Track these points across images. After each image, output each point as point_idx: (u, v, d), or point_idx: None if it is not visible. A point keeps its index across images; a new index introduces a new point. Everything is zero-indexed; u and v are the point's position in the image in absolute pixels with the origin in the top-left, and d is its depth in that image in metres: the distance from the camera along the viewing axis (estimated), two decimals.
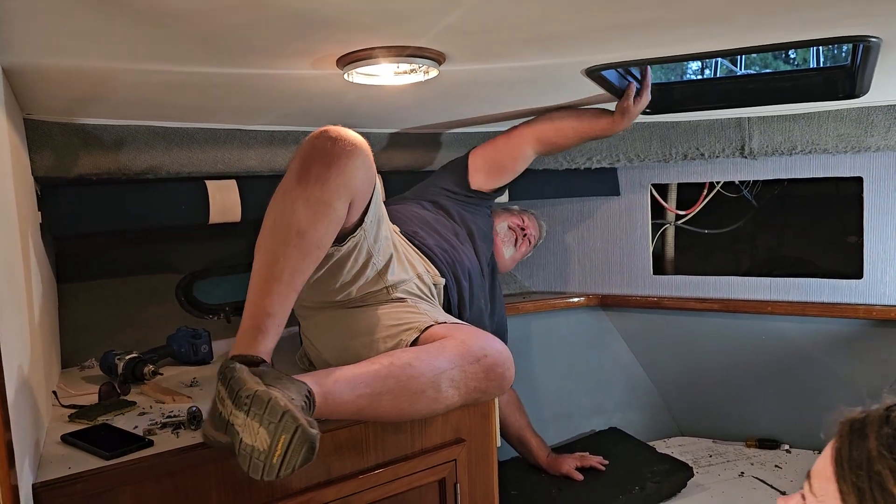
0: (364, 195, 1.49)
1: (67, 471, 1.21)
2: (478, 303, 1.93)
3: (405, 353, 1.43)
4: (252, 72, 1.34)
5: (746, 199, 2.56)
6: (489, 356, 1.46)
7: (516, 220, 2.30)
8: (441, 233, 1.92)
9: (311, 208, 1.36)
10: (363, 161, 1.43)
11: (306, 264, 1.37)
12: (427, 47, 1.26)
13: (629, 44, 1.36)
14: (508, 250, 2.27)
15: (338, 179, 1.38)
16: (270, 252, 1.37)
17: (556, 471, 2.20)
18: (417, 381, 1.38)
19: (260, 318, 1.33)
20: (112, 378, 1.69)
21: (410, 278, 1.70)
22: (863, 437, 0.78)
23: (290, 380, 1.24)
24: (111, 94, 1.48)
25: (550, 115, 2.05)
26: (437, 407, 1.43)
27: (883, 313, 2.19)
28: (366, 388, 1.34)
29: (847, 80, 1.81)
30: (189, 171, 1.83)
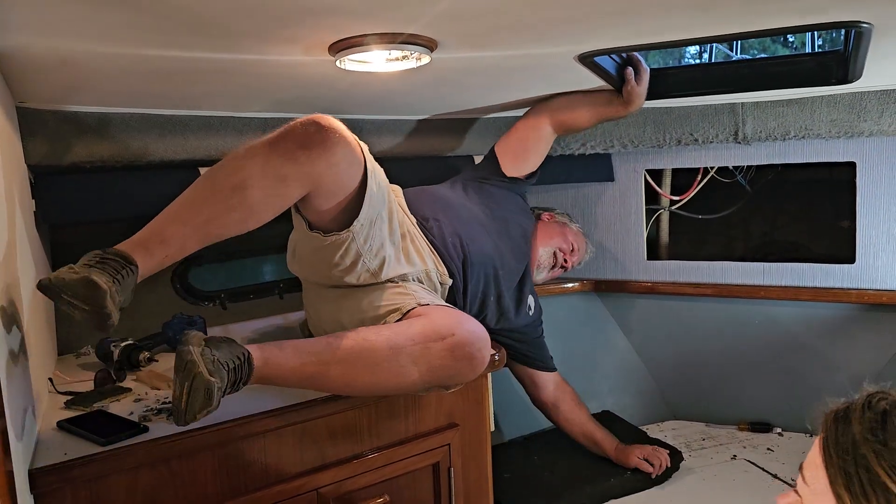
0: (334, 191, 1.45)
1: (63, 457, 1.23)
2: (485, 299, 1.91)
3: (367, 329, 1.43)
4: (244, 58, 1.33)
5: (740, 185, 2.56)
6: (456, 334, 1.43)
7: (566, 246, 2.24)
8: (464, 219, 1.90)
9: (264, 172, 1.33)
10: (342, 157, 1.40)
11: (228, 219, 1.33)
12: (419, 34, 1.25)
13: (621, 30, 1.36)
14: (540, 273, 2.22)
15: (305, 164, 1.35)
16: (206, 187, 1.35)
17: (625, 463, 2.18)
18: (372, 354, 1.38)
19: (151, 238, 1.30)
20: (108, 365, 1.70)
21: (414, 272, 1.70)
22: (847, 423, 0.81)
23: (230, 343, 1.28)
24: (104, 82, 1.48)
25: (565, 98, 2.08)
26: (396, 383, 1.41)
27: (874, 298, 2.21)
28: (313, 357, 1.36)
29: (840, 66, 1.81)
30: (183, 159, 1.83)
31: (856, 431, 0.79)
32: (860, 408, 0.81)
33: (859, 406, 0.82)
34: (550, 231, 2.25)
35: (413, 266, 1.70)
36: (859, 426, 0.79)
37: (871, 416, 0.79)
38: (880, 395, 0.83)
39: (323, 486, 1.46)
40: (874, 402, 0.81)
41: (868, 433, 0.78)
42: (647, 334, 2.66)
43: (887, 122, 2.02)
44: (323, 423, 1.48)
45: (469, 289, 1.85)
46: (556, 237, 2.24)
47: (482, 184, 2.10)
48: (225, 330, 2.06)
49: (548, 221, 2.29)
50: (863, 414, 0.80)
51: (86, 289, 1.15)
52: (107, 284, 1.17)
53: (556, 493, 2.07)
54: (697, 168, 2.50)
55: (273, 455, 1.43)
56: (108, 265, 1.21)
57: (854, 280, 2.24)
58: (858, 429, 0.79)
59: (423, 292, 1.65)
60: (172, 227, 1.31)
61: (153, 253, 1.29)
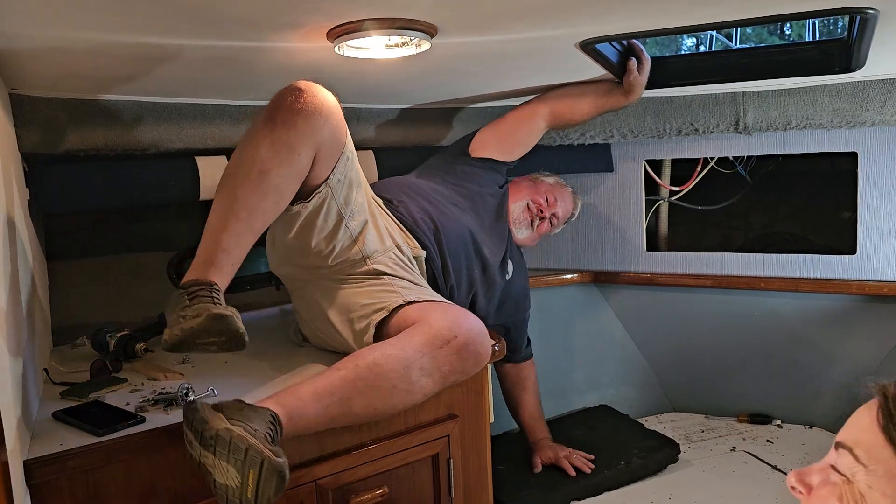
0: (330, 152, 1.48)
1: (59, 447, 1.21)
2: (469, 273, 1.87)
3: (371, 351, 1.40)
4: (241, 45, 1.32)
5: (740, 175, 2.55)
6: (459, 336, 1.42)
7: (540, 198, 2.17)
8: (432, 199, 1.88)
9: (274, 150, 1.37)
10: (331, 114, 1.43)
11: (265, 205, 1.38)
12: (418, 19, 1.24)
13: (622, 15, 1.34)
14: (521, 232, 2.15)
15: (304, 127, 1.39)
16: (230, 190, 1.38)
17: (540, 455, 2.17)
18: (387, 378, 1.36)
19: (214, 252, 1.34)
20: (103, 355, 1.68)
21: (388, 248, 1.66)
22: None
23: (252, 409, 1.23)
24: (98, 69, 1.46)
25: (564, 90, 2.06)
26: (414, 398, 1.41)
27: (875, 289, 2.20)
28: (333, 398, 1.32)
29: (843, 54, 1.80)
30: (178, 147, 1.81)
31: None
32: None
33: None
34: (519, 187, 2.19)
35: (383, 243, 1.66)
36: None
37: None
38: None
39: (322, 477, 1.45)
40: None
41: None
42: (647, 326, 2.65)
43: (890, 111, 2.01)
44: None
45: (449, 262, 1.80)
46: (525, 190, 2.18)
47: (451, 165, 2.07)
48: None
49: (517, 181, 2.22)
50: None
51: (217, 323, 1.22)
52: (227, 309, 1.24)
53: (550, 485, 2.06)
54: (697, 159, 2.48)
55: None
56: (205, 296, 1.26)
57: (855, 271, 2.23)
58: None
59: (411, 287, 1.61)
60: (225, 236, 1.35)
61: (221, 266, 1.34)
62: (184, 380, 1.54)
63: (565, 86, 2.08)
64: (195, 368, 1.64)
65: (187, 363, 1.68)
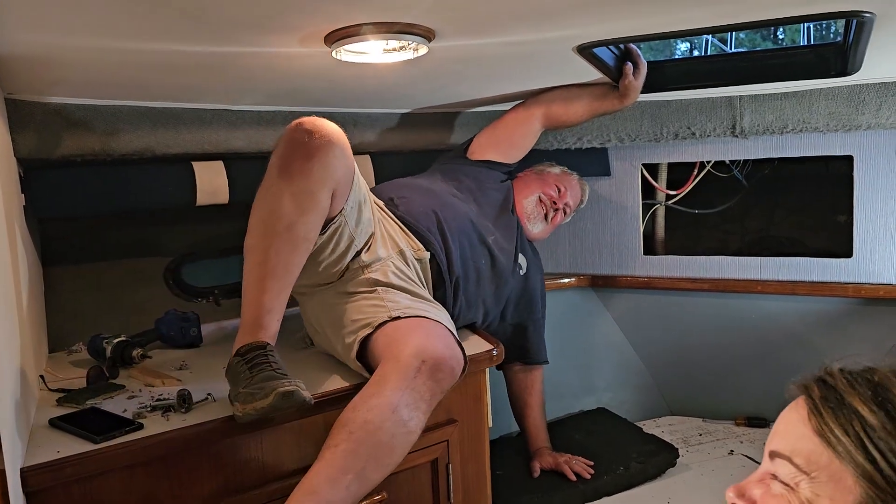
0: (345, 184, 1.50)
1: (56, 455, 1.20)
2: (476, 263, 1.87)
3: (355, 410, 1.35)
4: (238, 50, 1.31)
5: (737, 179, 2.55)
6: (426, 361, 1.39)
7: (550, 190, 2.17)
8: (432, 193, 1.90)
9: (296, 201, 1.40)
10: (341, 151, 1.45)
11: (297, 257, 1.42)
12: (416, 23, 1.23)
13: (619, 20, 1.34)
14: (536, 226, 2.16)
15: (320, 171, 1.41)
16: (261, 249, 1.41)
17: (539, 461, 2.16)
18: (384, 430, 1.32)
19: (259, 314, 1.39)
20: (100, 362, 1.67)
21: (388, 256, 1.67)
22: (841, 400, 0.77)
23: None
24: (94, 74, 1.45)
25: (559, 92, 2.07)
26: (414, 437, 1.38)
27: (871, 292, 2.20)
28: (348, 475, 1.28)
29: (839, 58, 1.81)
30: (175, 153, 1.80)
31: (856, 403, 0.75)
32: (846, 381, 0.77)
33: (843, 380, 0.78)
34: (527, 182, 2.20)
35: (385, 251, 1.67)
36: (857, 398, 0.75)
37: (863, 386, 0.76)
38: (869, 373, 0.79)
39: None
40: (855, 374, 0.78)
41: (849, 385, 0.75)
42: (644, 329, 2.65)
43: (885, 114, 2.02)
44: (320, 419, 1.46)
45: (454, 252, 1.79)
46: (534, 184, 2.19)
47: (449, 166, 2.09)
48: (219, 327, 2.04)
49: (522, 176, 2.23)
50: (852, 387, 0.76)
51: (286, 400, 1.27)
52: (291, 384, 1.29)
53: (549, 490, 2.06)
54: (694, 162, 2.49)
55: (270, 452, 1.41)
56: (265, 366, 1.31)
57: (851, 274, 2.23)
58: (858, 400, 0.75)
59: (396, 299, 1.60)
60: (266, 297, 1.40)
61: (268, 325, 1.39)
62: (182, 385, 1.53)
63: (561, 87, 2.09)
64: (193, 374, 1.64)
65: (185, 369, 1.68)
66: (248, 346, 1.36)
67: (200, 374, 1.63)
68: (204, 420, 1.34)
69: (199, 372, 1.65)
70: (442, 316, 1.61)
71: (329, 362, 1.66)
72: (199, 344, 1.86)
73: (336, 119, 1.99)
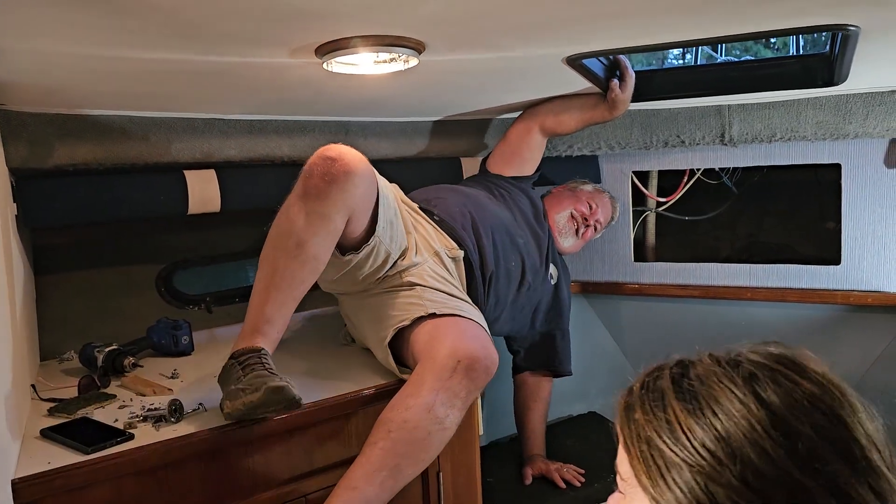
0: (365, 209, 1.55)
1: (47, 466, 1.21)
2: (506, 263, 1.92)
3: (393, 410, 1.42)
4: (229, 60, 1.32)
5: (726, 187, 2.57)
6: (462, 360, 1.46)
7: (583, 207, 2.24)
8: (467, 194, 1.97)
9: (309, 221, 1.45)
10: (362, 178, 1.49)
11: (303, 274, 1.47)
12: (406, 36, 1.24)
13: (608, 32, 1.35)
14: (567, 241, 2.23)
15: (337, 196, 1.45)
16: (271, 262, 1.47)
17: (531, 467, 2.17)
18: (421, 428, 1.39)
19: (259, 323, 1.44)
20: (91, 371, 1.67)
21: (424, 260, 1.73)
22: (631, 409, 0.78)
23: None
24: (86, 84, 1.45)
25: (552, 103, 2.14)
26: (448, 434, 1.44)
27: (860, 299, 2.22)
28: (384, 472, 1.36)
29: (826, 68, 1.83)
30: (167, 161, 1.81)
31: (639, 416, 0.75)
32: (639, 390, 0.78)
33: (637, 388, 0.79)
34: (560, 198, 2.28)
35: (421, 256, 1.73)
36: (640, 410, 0.76)
37: (650, 397, 0.76)
38: (656, 372, 0.79)
39: (311, 492, 1.45)
40: (651, 382, 0.78)
41: (650, 413, 0.74)
42: (635, 336, 2.67)
43: (872, 124, 2.04)
44: (311, 429, 1.47)
45: (486, 252, 1.85)
46: (567, 200, 2.26)
47: (479, 178, 2.19)
48: (211, 335, 2.04)
49: (556, 192, 2.32)
50: (642, 395, 0.77)
51: (275, 395, 1.30)
52: (282, 381, 1.32)
53: (540, 497, 2.06)
54: (684, 170, 2.50)
55: (261, 462, 1.41)
56: (256, 363, 1.36)
57: (840, 281, 2.25)
58: (640, 412, 0.76)
59: (434, 297, 1.66)
60: (268, 307, 1.45)
61: (267, 333, 1.44)
62: (173, 395, 1.53)
63: (553, 99, 2.12)
64: (184, 383, 1.64)
65: (176, 378, 1.68)
66: (242, 350, 1.41)
67: (192, 383, 1.63)
68: (195, 430, 1.34)
69: (191, 380, 1.65)
70: (475, 314, 1.67)
71: (330, 373, 1.67)
72: (190, 352, 1.87)
73: (326, 127, 2.03)
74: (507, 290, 1.94)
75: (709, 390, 0.71)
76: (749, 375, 0.71)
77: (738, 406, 0.68)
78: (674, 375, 0.76)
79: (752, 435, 0.66)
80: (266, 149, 1.94)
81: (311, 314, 2.24)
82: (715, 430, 0.68)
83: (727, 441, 0.67)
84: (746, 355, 0.75)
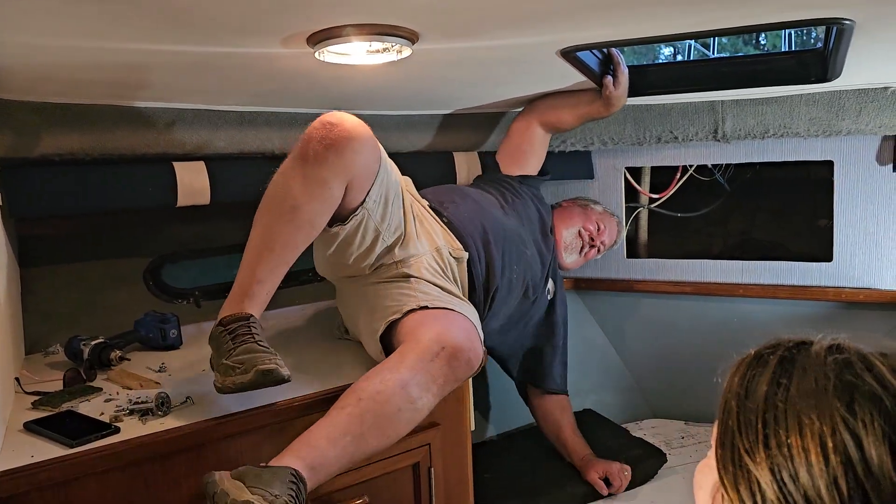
0: (364, 177, 1.52)
1: (30, 459, 1.19)
2: (509, 273, 1.90)
3: (369, 380, 1.41)
4: (219, 50, 1.30)
5: (719, 183, 2.57)
6: (446, 347, 1.45)
7: (591, 226, 2.26)
8: (480, 202, 1.94)
9: (306, 185, 1.43)
10: (362, 145, 1.47)
11: (298, 238, 1.46)
12: (400, 25, 1.23)
13: (602, 24, 1.34)
14: (570, 257, 2.25)
15: (335, 161, 1.43)
16: (265, 224, 1.46)
17: (585, 476, 2.12)
18: (391, 402, 1.37)
19: (249, 284, 1.44)
20: (77, 364, 1.65)
21: (423, 252, 1.71)
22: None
23: (272, 472, 1.22)
24: (74, 73, 1.43)
25: (550, 100, 2.15)
26: (419, 416, 1.42)
27: (851, 296, 2.22)
28: (347, 437, 1.33)
29: (819, 64, 1.82)
30: (156, 153, 1.78)
31: (732, 422, 0.72)
32: (738, 383, 0.75)
33: (737, 382, 0.75)
34: (570, 213, 2.28)
35: (422, 247, 1.72)
36: (734, 416, 0.73)
37: (747, 402, 0.72)
38: (759, 364, 0.75)
39: None
40: (751, 377, 0.74)
41: (743, 428, 0.71)
42: (627, 332, 2.66)
43: (865, 120, 2.04)
44: (301, 422, 1.45)
45: (494, 269, 1.84)
46: (577, 217, 2.27)
47: (495, 180, 2.16)
48: (199, 329, 2.02)
49: (566, 206, 2.32)
50: (739, 394, 0.73)
51: (265, 377, 1.32)
52: (271, 362, 1.33)
53: (537, 493, 2.05)
54: (677, 166, 2.50)
55: (250, 456, 1.39)
56: (247, 338, 1.37)
57: (832, 278, 2.25)
58: (734, 420, 0.72)
59: (428, 290, 1.65)
60: (259, 269, 1.44)
61: (256, 295, 1.44)
62: (160, 388, 1.51)
63: (551, 95, 2.12)
64: (172, 377, 1.62)
65: (163, 371, 1.66)
66: (231, 317, 1.40)
67: (179, 377, 1.61)
68: (182, 424, 1.33)
69: (179, 374, 1.63)
70: (468, 311, 1.65)
71: (321, 366, 1.66)
72: (178, 346, 1.84)
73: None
74: (506, 304, 1.93)
75: (807, 417, 0.65)
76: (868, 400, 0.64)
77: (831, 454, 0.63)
78: (776, 377, 0.71)
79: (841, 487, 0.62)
80: (257, 141, 1.91)
81: (304, 308, 2.22)
82: (796, 472, 0.64)
83: (812, 488, 0.63)
84: (862, 368, 0.67)
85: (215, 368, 1.38)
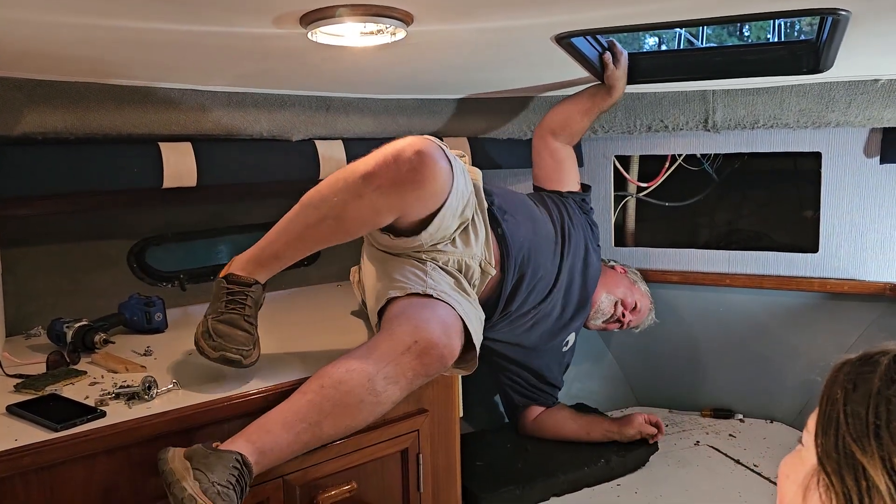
0: (415, 215, 1.52)
1: (14, 443, 1.17)
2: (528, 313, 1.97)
3: (335, 367, 1.39)
4: (209, 29, 1.27)
5: (707, 173, 2.58)
6: (419, 342, 1.42)
7: (629, 300, 2.25)
8: (538, 233, 1.93)
9: (359, 206, 1.44)
10: (432, 190, 1.46)
11: (330, 241, 1.53)
12: (394, 6, 1.21)
13: (596, 9, 1.33)
14: (596, 321, 2.25)
15: (394, 199, 1.44)
16: (307, 215, 1.49)
17: (627, 435, 2.18)
18: (353, 393, 1.36)
19: (269, 256, 1.51)
20: (60, 346, 1.63)
21: (454, 251, 1.69)
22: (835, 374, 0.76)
23: (218, 455, 1.22)
24: (58, 50, 1.39)
25: (554, 108, 2.19)
26: (382, 408, 1.40)
27: (836, 286, 2.24)
28: (303, 424, 1.33)
29: (811, 55, 1.83)
30: (142, 133, 1.75)
31: (841, 418, 0.70)
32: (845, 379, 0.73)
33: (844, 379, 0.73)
34: (618, 280, 2.27)
35: (455, 247, 1.69)
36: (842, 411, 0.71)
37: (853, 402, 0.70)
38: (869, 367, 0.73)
39: (289, 473, 1.42)
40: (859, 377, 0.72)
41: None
42: None
43: (854, 112, 2.05)
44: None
45: (519, 296, 1.88)
46: (623, 287, 2.26)
47: (555, 196, 2.16)
48: (184, 312, 1.99)
49: (618, 272, 2.32)
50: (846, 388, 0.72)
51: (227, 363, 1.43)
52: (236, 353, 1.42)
53: (529, 481, 2.05)
54: (665, 156, 2.50)
55: None
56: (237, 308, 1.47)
57: (817, 269, 2.27)
58: (841, 415, 0.71)
59: (438, 279, 1.62)
60: (285, 248, 1.50)
61: (269, 267, 1.52)
62: (146, 372, 1.49)
63: (555, 104, 2.18)
64: (157, 360, 1.60)
65: (149, 355, 1.64)
66: (238, 279, 1.49)
67: (165, 361, 1.59)
68: (169, 408, 1.31)
69: (165, 358, 1.61)
70: (469, 311, 1.60)
71: (311, 351, 1.64)
72: (164, 329, 1.83)
73: (308, 102, 1.98)
74: (521, 333, 1.99)
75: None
76: None
77: None
78: (890, 373, 0.71)
79: None
80: (245, 122, 1.88)
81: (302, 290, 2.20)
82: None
83: None
84: None
85: (202, 321, 1.47)
